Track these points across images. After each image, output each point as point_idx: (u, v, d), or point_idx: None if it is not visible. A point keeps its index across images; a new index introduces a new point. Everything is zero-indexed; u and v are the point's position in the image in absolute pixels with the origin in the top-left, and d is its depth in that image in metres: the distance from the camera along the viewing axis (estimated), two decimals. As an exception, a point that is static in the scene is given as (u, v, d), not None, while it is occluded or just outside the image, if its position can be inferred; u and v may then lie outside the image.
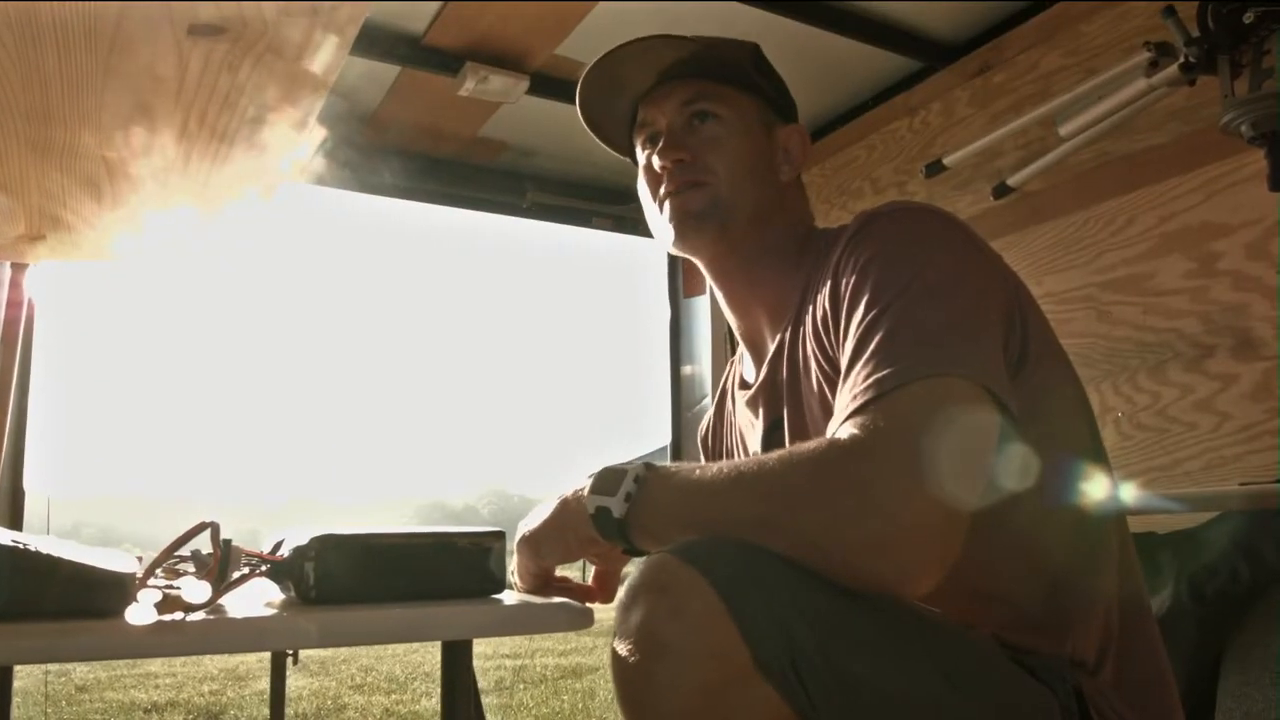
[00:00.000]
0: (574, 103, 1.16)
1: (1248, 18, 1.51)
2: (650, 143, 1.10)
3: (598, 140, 1.20)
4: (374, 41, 2.07)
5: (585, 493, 0.85)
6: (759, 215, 1.05)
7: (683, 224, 1.05)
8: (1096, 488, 0.93)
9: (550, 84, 2.28)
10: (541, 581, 0.96)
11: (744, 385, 1.14)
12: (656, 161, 1.06)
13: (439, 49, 2.14)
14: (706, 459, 1.26)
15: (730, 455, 1.20)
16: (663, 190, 1.06)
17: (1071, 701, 0.81)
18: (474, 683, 0.82)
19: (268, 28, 0.85)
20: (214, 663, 7.27)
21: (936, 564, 0.71)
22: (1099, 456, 0.95)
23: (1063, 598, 0.88)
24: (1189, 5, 1.59)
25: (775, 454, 0.76)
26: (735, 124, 1.07)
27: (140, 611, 0.62)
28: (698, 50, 1.06)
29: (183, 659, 7.54)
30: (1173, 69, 1.62)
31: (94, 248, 1.53)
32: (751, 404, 1.10)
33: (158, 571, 0.70)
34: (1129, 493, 1.60)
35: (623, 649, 0.69)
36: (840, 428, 0.76)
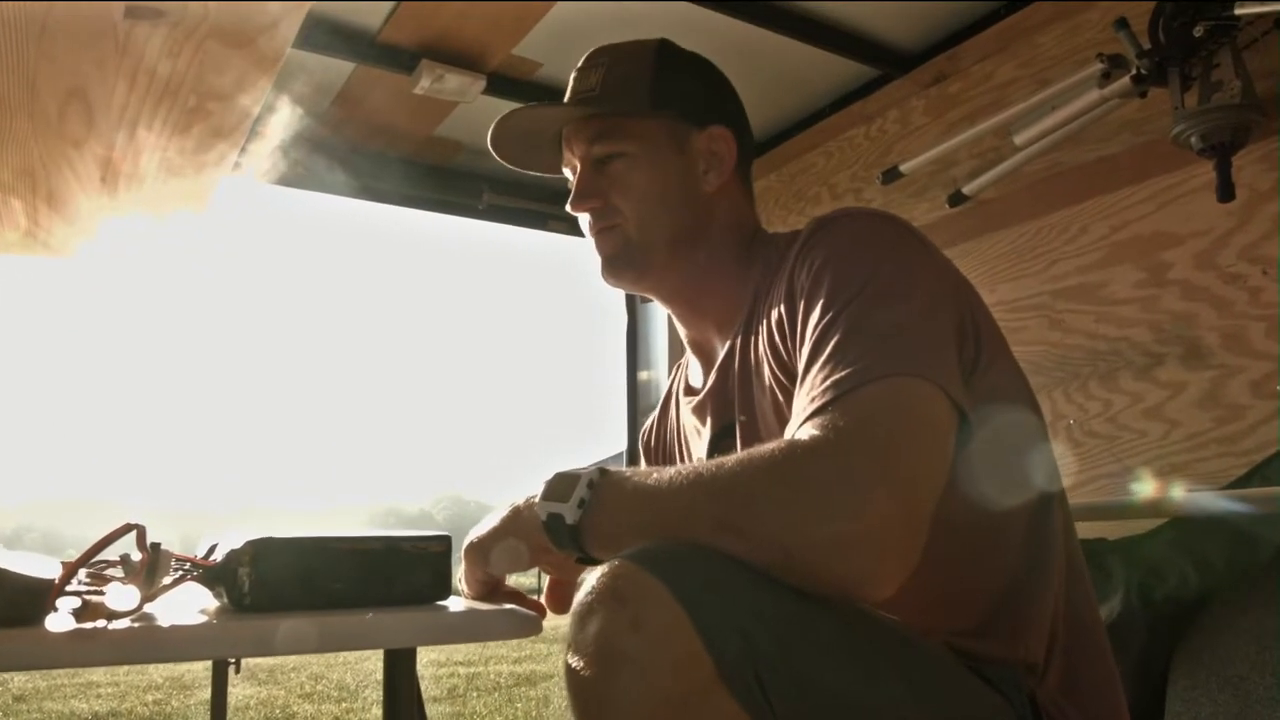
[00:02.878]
0: (532, 102, 1.15)
1: (1198, 31, 1.53)
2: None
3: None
4: (327, 37, 2.03)
5: (537, 499, 0.83)
6: (681, 239, 1.05)
7: (604, 267, 1.07)
8: (1045, 490, 0.93)
9: (507, 84, 2.25)
10: (489, 589, 0.93)
11: (690, 391, 1.12)
12: (570, 209, 1.09)
13: (394, 46, 2.11)
14: (648, 463, 1.25)
15: (673, 461, 1.18)
16: (586, 231, 1.09)
17: (1026, 710, 0.80)
18: (418, 692, 0.79)
19: (209, 12, 0.82)
20: (158, 671, 7.12)
21: (898, 565, 0.70)
22: (1048, 460, 0.96)
23: (1014, 602, 0.88)
24: (1141, 18, 1.61)
25: (733, 456, 0.75)
26: (639, 157, 1.05)
27: (59, 619, 0.59)
28: (595, 98, 1.07)
29: (126, 667, 7.36)
30: (1124, 81, 1.64)
31: (32, 241, 1.47)
32: (699, 410, 1.08)
33: (81, 577, 0.67)
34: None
35: (579, 661, 0.65)
36: (799, 429, 0.75)
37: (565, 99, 1.10)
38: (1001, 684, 0.80)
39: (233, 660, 1.49)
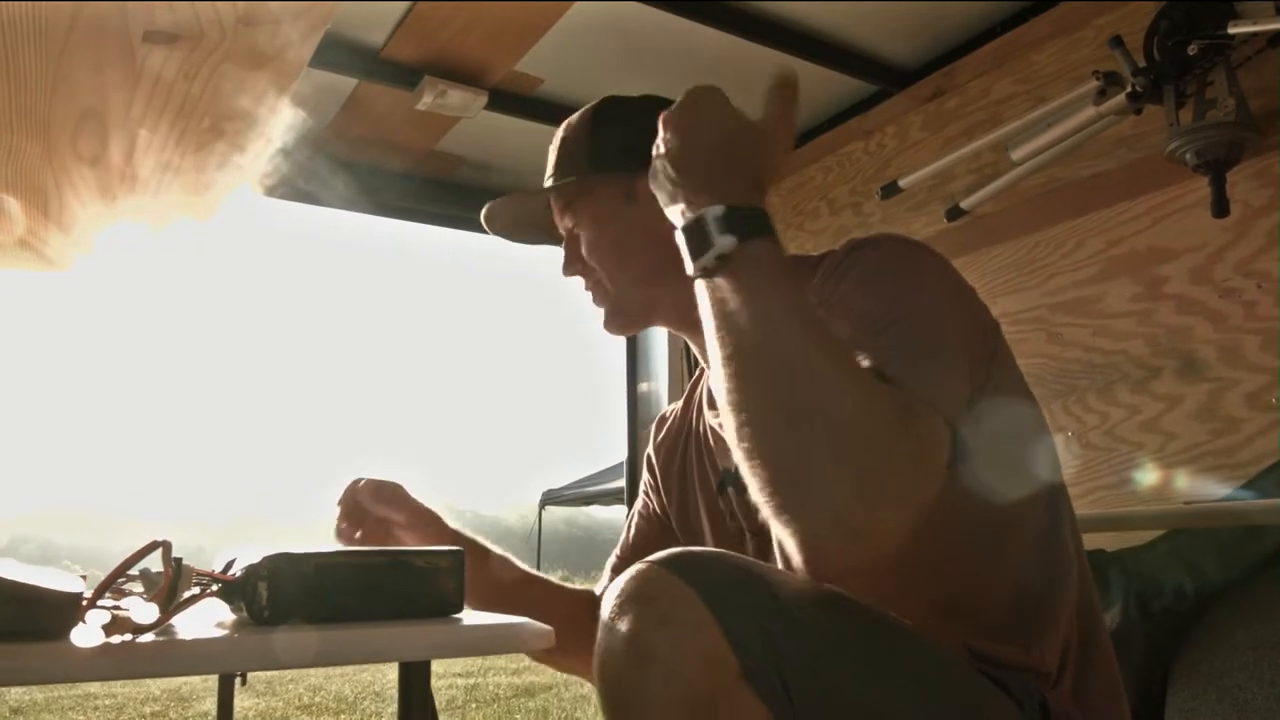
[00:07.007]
0: (534, 118, 1.20)
1: (1192, 49, 1.55)
2: None
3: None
4: (331, 53, 2.05)
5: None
6: (653, 277, 1.11)
7: (603, 323, 1.17)
8: (1059, 500, 0.98)
9: (509, 100, 2.26)
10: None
11: (715, 405, 1.14)
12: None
13: (397, 62, 2.12)
14: (657, 456, 1.28)
15: (691, 470, 1.20)
16: None
17: (1037, 717, 0.82)
18: (432, 705, 0.80)
19: (226, 37, 0.83)
20: (157, 683, 7.08)
21: (859, 557, 0.70)
22: (1057, 470, 1.00)
23: (1032, 605, 0.91)
24: (1136, 36, 1.64)
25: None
26: (591, 222, 1.14)
27: (87, 633, 0.60)
28: (548, 178, 1.17)
29: (123, 680, 7.33)
30: (1120, 98, 1.66)
31: (39, 257, 1.48)
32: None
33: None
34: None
35: (609, 660, 0.68)
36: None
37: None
38: (1016, 690, 0.82)
39: (239, 672, 1.50)
